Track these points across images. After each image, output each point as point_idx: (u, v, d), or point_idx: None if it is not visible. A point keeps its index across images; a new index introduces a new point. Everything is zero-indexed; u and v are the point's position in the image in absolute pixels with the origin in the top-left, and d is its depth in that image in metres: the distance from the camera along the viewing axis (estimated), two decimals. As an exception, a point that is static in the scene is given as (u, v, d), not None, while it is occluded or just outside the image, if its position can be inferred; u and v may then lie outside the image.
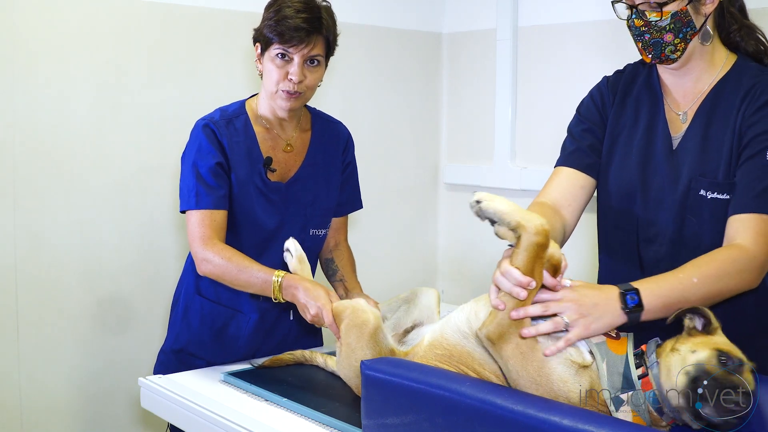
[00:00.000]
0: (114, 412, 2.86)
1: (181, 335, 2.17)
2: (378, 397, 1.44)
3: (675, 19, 1.69)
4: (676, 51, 1.72)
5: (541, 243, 1.37)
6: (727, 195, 1.68)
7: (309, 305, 1.87)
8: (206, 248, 1.97)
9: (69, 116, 2.68)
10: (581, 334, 1.39)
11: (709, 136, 1.73)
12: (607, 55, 3.06)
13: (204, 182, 2.01)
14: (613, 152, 1.87)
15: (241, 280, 1.95)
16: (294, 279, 1.92)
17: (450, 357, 1.54)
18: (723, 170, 1.69)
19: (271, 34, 1.97)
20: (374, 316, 1.73)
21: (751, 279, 1.58)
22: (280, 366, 1.99)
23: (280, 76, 2.00)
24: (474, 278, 3.67)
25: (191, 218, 2.01)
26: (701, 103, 1.76)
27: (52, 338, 2.70)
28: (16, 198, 2.60)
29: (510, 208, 1.38)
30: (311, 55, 1.99)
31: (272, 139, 2.12)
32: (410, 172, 3.71)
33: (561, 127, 1.84)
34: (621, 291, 1.45)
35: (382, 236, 3.60)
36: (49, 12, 2.62)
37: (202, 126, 2.06)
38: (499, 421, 1.25)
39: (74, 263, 2.73)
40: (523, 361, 1.38)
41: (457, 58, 3.72)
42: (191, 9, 2.91)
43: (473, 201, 1.40)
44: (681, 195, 1.74)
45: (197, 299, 2.16)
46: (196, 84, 2.93)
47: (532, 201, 1.85)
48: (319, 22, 1.99)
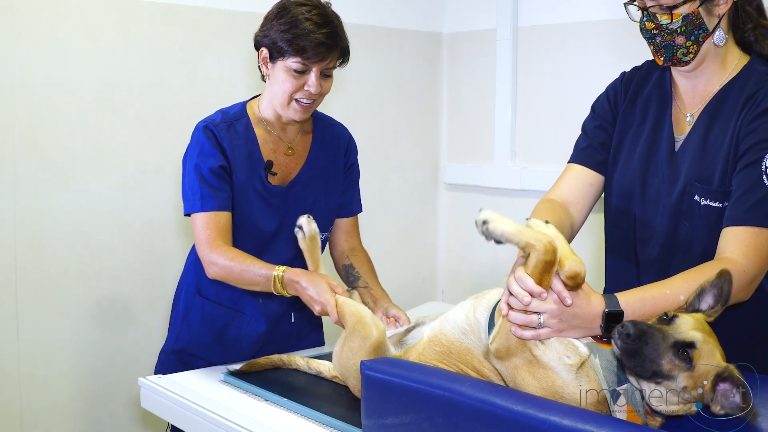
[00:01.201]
0: (114, 412, 2.86)
1: (182, 335, 2.17)
2: (378, 397, 1.44)
3: (686, 21, 1.66)
4: (688, 53, 1.70)
5: (550, 261, 1.39)
6: (720, 203, 1.66)
7: (313, 302, 1.87)
8: (212, 251, 1.97)
9: (69, 116, 2.68)
10: (549, 334, 1.41)
11: (708, 141, 1.71)
12: (608, 55, 3.06)
13: (208, 184, 2.00)
14: (619, 150, 1.87)
15: (246, 279, 1.95)
16: (295, 273, 1.91)
17: (449, 354, 1.54)
18: (718, 177, 1.67)
19: (289, 47, 1.94)
20: (378, 332, 1.70)
21: (739, 293, 1.55)
22: (257, 371, 1.95)
23: (294, 87, 1.99)
24: (474, 278, 3.67)
25: (197, 221, 2.01)
26: (705, 106, 1.74)
27: (52, 338, 2.70)
28: (16, 198, 2.60)
29: (517, 230, 1.40)
30: (328, 67, 2.00)
31: (273, 142, 2.11)
32: (410, 172, 3.71)
33: (561, 127, 1.85)
34: (605, 311, 1.43)
35: (382, 236, 3.59)
36: (49, 12, 2.62)
37: (203, 128, 2.05)
38: (499, 421, 1.25)
39: (74, 263, 2.73)
40: (530, 373, 1.40)
41: (457, 58, 3.72)
42: (191, 9, 2.91)
43: (479, 221, 1.41)
44: (676, 198, 1.73)
45: (198, 300, 2.16)
46: (196, 84, 2.93)
47: (543, 197, 1.87)
48: (339, 36, 1.99)
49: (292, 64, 1.96)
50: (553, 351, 1.40)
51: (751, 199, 1.59)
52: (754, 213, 1.58)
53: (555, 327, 1.41)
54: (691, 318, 1.34)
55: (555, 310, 1.40)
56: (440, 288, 3.85)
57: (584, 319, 1.42)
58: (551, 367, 1.38)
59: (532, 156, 3.42)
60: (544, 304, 1.40)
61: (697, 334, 1.30)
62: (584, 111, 1.97)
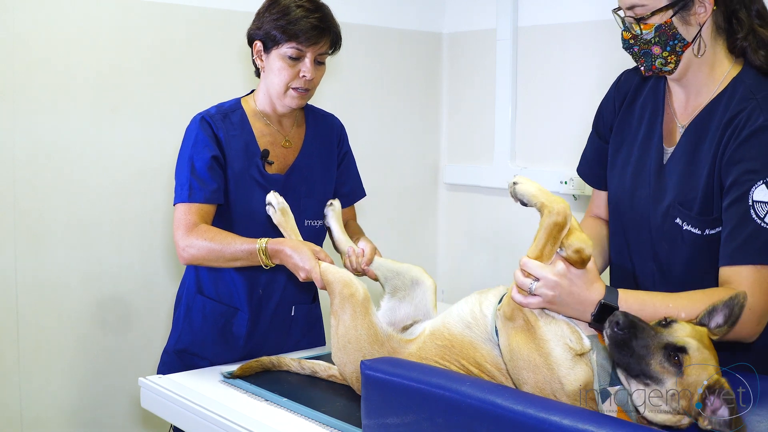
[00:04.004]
0: (114, 412, 2.86)
1: (184, 335, 2.18)
2: (378, 397, 1.44)
3: (659, 32, 1.61)
4: (667, 63, 1.64)
5: (558, 223, 1.41)
6: (700, 231, 1.61)
7: (298, 269, 1.90)
8: (189, 234, 1.98)
9: (69, 117, 2.68)
10: (539, 304, 1.42)
11: (694, 159, 1.64)
12: (608, 55, 3.06)
13: (198, 176, 2.02)
14: (616, 156, 1.84)
15: (227, 255, 1.95)
16: (278, 242, 1.93)
17: (451, 348, 1.55)
18: (699, 203, 1.61)
19: (283, 34, 2.00)
20: (363, 289, 1.77)
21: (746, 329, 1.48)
22: (250, 374, 1.93)
23: (290, 75, 2.04)
24: (474, 278, 3.67)
25: (179, 209, 2.02)
26: (693, 119, 1.67)
27: (52, 338, 2.70)
28: (16, 198, 2.60)
29: (538, 191, 1.45)
30: (321, 53, 2.05)
31: (271, 135, 2.15)
32: (410, 172, 3.71)
33: (561, 127, 1.85)
34: (601, 301, 1.43)
35: (381, 236, 3.58)
36: (49, 12, 2.62)
37: (199, 120, 2.09)
38: (499, 421, 1.25)
39: (74, 263, 2.73)
40: (525, 338, 1.41)
41: (457, 58, 3.72)
42: (191, 9, 2.91)
43: (511, 182, 1.48)
44: (660, 217, 1.69)
45: (199, 298, 2.16)
46: (196, 84, 2.93)
47: (584, 216, 1.93)
48: (329, 20, 2.05)
49: (287, 51, 2.02)
50: (557, 328, 1.41)
51: (742, 235, 1.51)
52: (748, 250, 1.50)
53: (547, 298, 1.41)
54: (690, 327, 1.31)
55: (551, 281, 1.41)
56: (440, 288, 3.85)
57: (578, 301, 1.42)
58: (548, 340, 1.40)
59: (532, 156, 3.42)
60: (544, 270, 1.41)
61: (692, 340, 1.27)
62: (584, 111, 1.97)
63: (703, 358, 1.25)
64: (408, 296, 1.90)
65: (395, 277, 1.93)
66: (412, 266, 1.94)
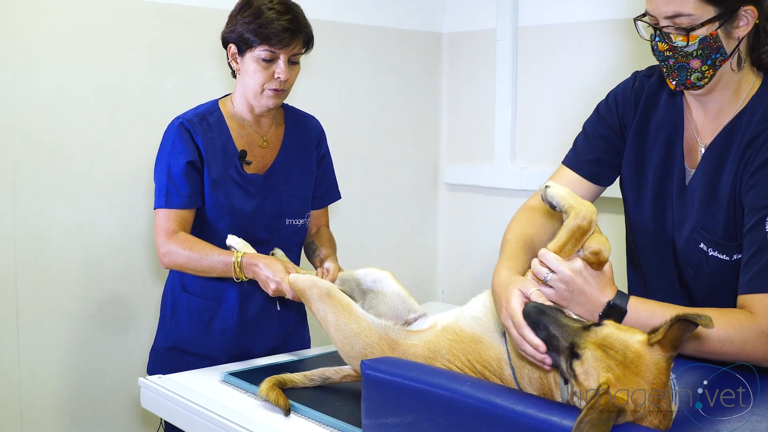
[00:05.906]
0: (114, 412, 2.86)
1: (172, 332, 2.22)
2: (378, 396, 1.44)
3: (703, 44, 1.52)
4: (703, 78, 1.56)
5: (583, 227, 1.43)
6: (727, 257, 1.57)
7: (268, 281, 1.96)
8: (170, 240, 2.05)
9: (69, 116, 2.68)
10: (552, 297, 1.42)
11: (716, 182, 1.59)
12: (607, 55, 3.06)
13: (173, 183, 2.08)
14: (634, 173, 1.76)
15: (204, 266, 2.03)
16: (253, 257, 2.01)
17: (460, 342, 1.57)
18: (722, 228, 1.57)
19: (255, 37, 2.04)
20: (327, 282, 1.86)
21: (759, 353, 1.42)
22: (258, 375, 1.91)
23: (265, 77, 2.08)
24: (474, 278, 3.67)
25: (159, 214, 2.09)
26: (714, 139, 1.61)
27: (52, 338, 2.70)
28: (16, 198, 2.60)
29: (566, 194, 1.48)
30: (294, 53, 2.08)
31: (248, 135, 2.19)
32: (410, 172, 3.71)
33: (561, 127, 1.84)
34: (611, 303, 1.43)
35: (382, 236, 3.60)
36: (49, 12, 2.62)
37: (176, 125, 2.13)
38: (499, 421, 1.24)
39: (74, 263, 2.73)
40: None
41: (457, 58, 3.72)
42: (191, 9, 2.91)
43: (543, 186, 1.51)
44: (684, 242, 1.64)
45: (184, 296, 2.21)
46: (195, 84, 2.93)
47: (526, 201, 1.77)
48: (301, 22, 2.09)
49: (260, 53, 2.06)
50: None
51: (759, 263, 1.47)
52: (765, 278, 1.46)
53: (559, 292, 1.42)
54: (617, 330, 1.24)
55: (566, 276, 1.41)
56: (440, 288, 3.85)
57: (589, 301, 1.42)
58: None
59: (532, 156, 3.42)
60: (561, 264, 1.41)
61: (591, 348, 1.22)
62: (584, 111, 1.96)
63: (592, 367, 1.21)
64: (379, 295, 1.92)
65: (359, 284, 1.97)
66: (368, 268, 1.99)
